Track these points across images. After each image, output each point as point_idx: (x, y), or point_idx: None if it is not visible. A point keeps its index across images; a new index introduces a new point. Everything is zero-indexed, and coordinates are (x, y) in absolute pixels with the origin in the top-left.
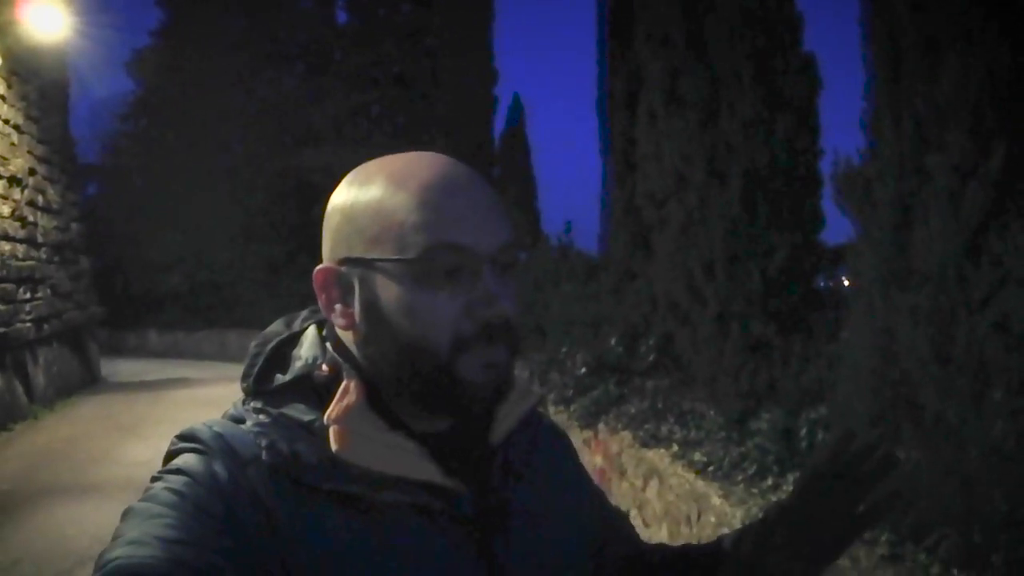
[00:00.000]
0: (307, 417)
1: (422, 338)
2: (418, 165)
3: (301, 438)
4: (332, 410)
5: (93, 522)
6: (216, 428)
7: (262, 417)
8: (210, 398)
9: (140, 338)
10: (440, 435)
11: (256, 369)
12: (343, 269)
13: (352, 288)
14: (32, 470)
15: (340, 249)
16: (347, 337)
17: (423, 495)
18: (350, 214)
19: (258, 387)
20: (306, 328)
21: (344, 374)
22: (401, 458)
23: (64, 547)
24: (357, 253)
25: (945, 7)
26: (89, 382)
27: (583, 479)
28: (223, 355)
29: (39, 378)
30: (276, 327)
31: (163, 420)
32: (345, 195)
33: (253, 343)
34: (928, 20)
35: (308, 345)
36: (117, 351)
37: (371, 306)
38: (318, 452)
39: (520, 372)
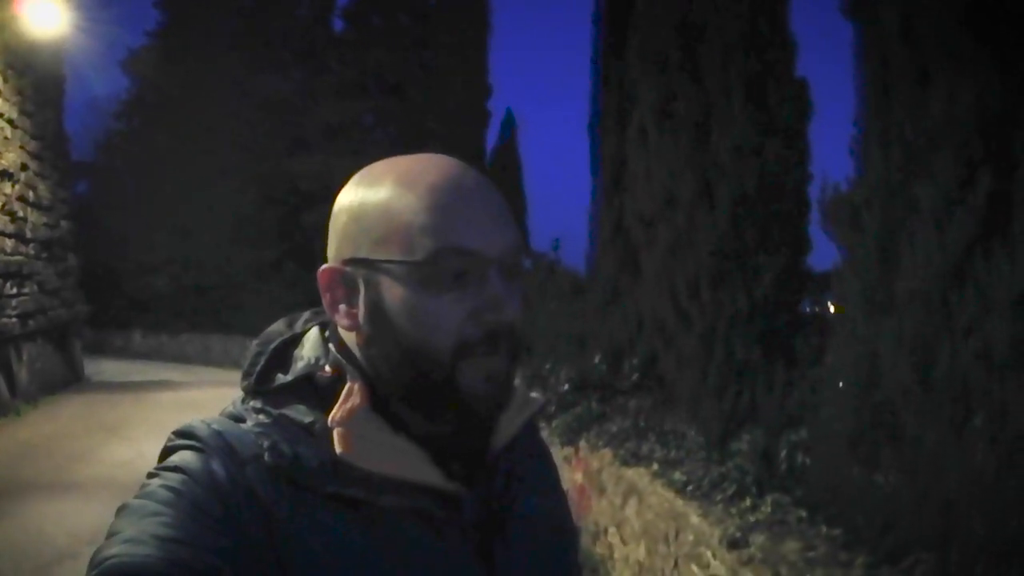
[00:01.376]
0: (307, 419)
1: (425, 341)
2: (427, 167)
3: (302, 440)
4: (336, 412)
5: (73, 519)
6: (215, 426)
7: (262, 417)
8: (194, 401)
9: (125, 339)
10: (442, 438)
11: (258, 368)
12: (348, 269)
13: (357, 289)
14: (13, 465)
15: (346, 249)
16: (350, 338)
17: (424, 499)
18: (357, 214)
19: (259, 386)
20: (308, 329)
21: (348, 376)
22: (404, 461)
23: (42, 543)
24: (363, 254)
25: (936, 35)
26: (72, 380)
27: (565, 508)
28: (207, 359)
29: (22, 374)
30: (278, 327)
31: (146, 421)
32: (352, 195)
33: (255, 342)
34: (918, 47)
35: (310, 346)
36: (101, 351)
37: (375, 307)
38: (319, 454)
39: (519, 381)
